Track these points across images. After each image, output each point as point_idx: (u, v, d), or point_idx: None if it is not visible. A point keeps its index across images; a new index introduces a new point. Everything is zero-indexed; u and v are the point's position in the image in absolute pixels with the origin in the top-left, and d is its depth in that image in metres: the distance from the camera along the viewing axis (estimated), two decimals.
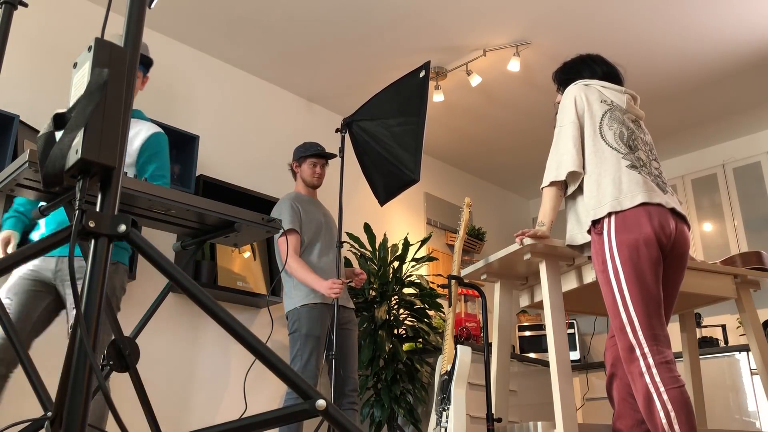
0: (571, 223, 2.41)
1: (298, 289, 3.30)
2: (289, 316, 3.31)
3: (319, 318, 3.25)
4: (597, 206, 2.26)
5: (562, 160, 2.36)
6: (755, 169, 4.91)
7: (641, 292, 2.12)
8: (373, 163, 3.17)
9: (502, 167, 5.80)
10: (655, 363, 2.05)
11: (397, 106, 3.06)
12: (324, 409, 0.89)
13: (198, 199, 1.68)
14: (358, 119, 3.24)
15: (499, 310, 2.92)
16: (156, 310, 1.84)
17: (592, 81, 2.51)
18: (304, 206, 3.45)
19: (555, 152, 2.41)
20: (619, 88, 2.49)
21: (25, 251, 0.97)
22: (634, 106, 2.50)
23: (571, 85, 2.51)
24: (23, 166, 1.49)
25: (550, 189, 2.40)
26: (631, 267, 2.13)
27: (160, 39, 3.97)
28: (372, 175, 3.21)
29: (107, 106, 0.94)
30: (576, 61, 2.64)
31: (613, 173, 2.27)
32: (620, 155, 2.31)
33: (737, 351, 4.33)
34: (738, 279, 2.91)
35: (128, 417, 3.19)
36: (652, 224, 2.17)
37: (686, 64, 4.29)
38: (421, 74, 2.97)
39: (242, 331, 0.94)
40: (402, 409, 3.91)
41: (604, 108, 2.41)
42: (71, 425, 0.81)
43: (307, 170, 3.55)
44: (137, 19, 1.03)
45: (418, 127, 2.94)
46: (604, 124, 2.38)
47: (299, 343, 3.19)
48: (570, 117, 2.40)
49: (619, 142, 2.34)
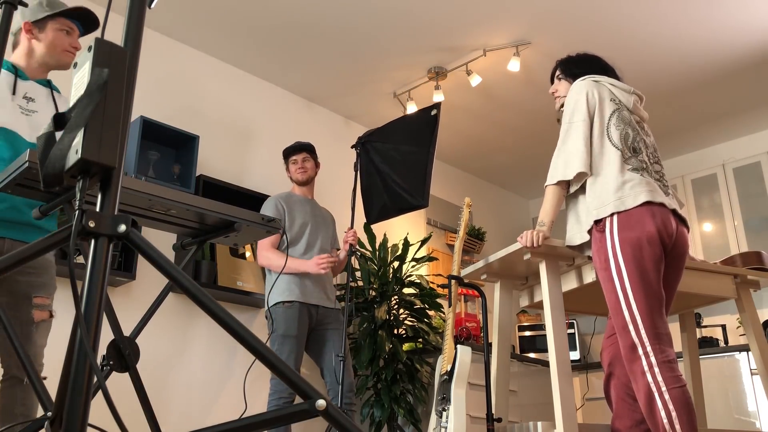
0: (570, 223, 2.39)
1: (276, 287, 3.32)
2: (267, 316, 3.31)
3: (296, 317, 3.24)
4: (600, 206, 2.24)
5: (571, 159, 2.32)
6: (755, 169, 4.91)
7: (644, 290, 2.11)
8: (380, 182, 3.31)
9: (502, 167, 5.80)
10: (657, 362, 2.04)
11: (409, 134, 3.27)
12: (324, 409, 0.89)
13: (198, 199, 1.68)
14: (373, 140, 3.41)
15: (499, 310, 2.92)
16: (156, 310, 1.84)
17: (603, 78, 2.46)
18: (290, 205, 3.48)
19: (563, 149, 2.36)
20: (628, 88, 2.45)
21: (24, 251, 0.96)
22: (639, 107, 2.47)
23: (580, 80, 2.46)
24: (23, 166, 1.49)
25: (554, 188, 2.36)
26: (634, 265, 2.12)
27: (160, 39, 3.97)
28: (372, 194, 3.34)
29: (107, 106, 0.94)
30: (588, 55, 2.60)
31: (616, 174, 2.25)
32: (624, 157, 2.29)
33: (737, 351, 4.33)
34: (738, 279, 2.91)
35: (128, 417, 3.19)
36: (656, 222, 2.16)
37: (686, 64, 4.29)
38: (432, 112, 3.21)
39: (242, 331, 0.94)
40: (402, 409, 3.91)
41: (612, 107, 2.38)
42: (71, 425, 0.81)
43: (291, 168, 3.62)
44: (137, 19, 1.03)
45: (429, 156, 3.16)
46: (611, 123, 2.34)
47: (276, 344, 3.19)
48: (581, 114, 2.36)
49: (623, 144, 2.31)
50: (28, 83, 2.32)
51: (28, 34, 2.31)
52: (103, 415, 3.01)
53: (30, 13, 2.32)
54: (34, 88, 2.33)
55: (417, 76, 4.44)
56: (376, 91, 4.60)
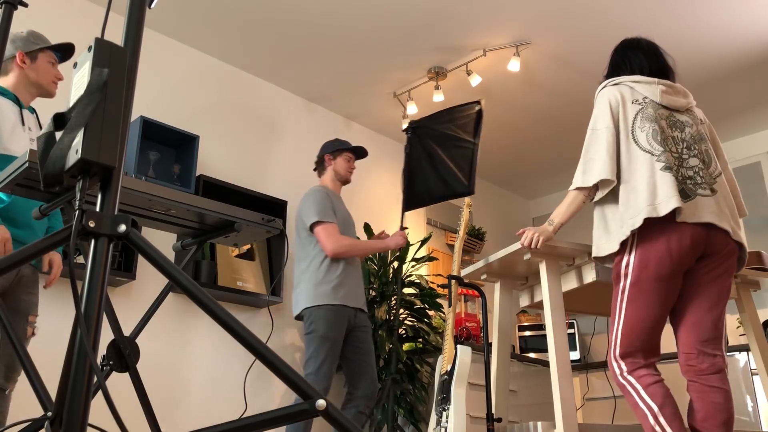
0: (598, 233, 2.30)
1: (321, 287, 3.23)
2: (305, 315, 3.23)
3: (338, 320, 3.19)
4: (634, 215, 2.15)
5: (591, 167, 2.26)
6: (755, 169, 4.91)
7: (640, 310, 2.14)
8: (428, 168, 3.42)
9: (502, 167, 5.80)
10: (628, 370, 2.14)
11: (457, 125, 3.42)
12: (324, 409, 0.89)
13: (198, 199, 1.68)
14: (424, 125, 3.52)
15: (499, 310, 2.92)
16: (156, 310, 1.84)
17: (623, 78, 2.37)
18: (333, 199, 3.44)
19: (585, 157, 2.31)
20: (651, 80, 2.34)
21: (24, 251, 0.97)
22: (672, 95, 2.34)
23: (600, 89, 2.39)
24: (23, 166, 1.49)
25: (574, 193, 2.31)
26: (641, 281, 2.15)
27: (160, 39, 3.97)
28: (415, 180, 3.45)
29: (107, 106, 0.94)
30: (617, 52, 2.49)
31: (648, 177, 2.17)
32: (654, 157, 2.20)
33: (737, 351, 4.33)
34: (738, 279, 2.91)
35: (128, 417, 3.19)
36: (669, 242, 2.12)
37: (686, 65, 4.29)
38: (476, 108, 3.40)
39: (242, 331, 0.94)
40: (402, 409, 3.91)
41: (635, 109, 2.30)
42: (71, 425, 0.81)
43: (343, 164, 3.54)
44: (137, 19, 1.03)
45: (475, 147, 3.37)
46: (636, 126, 2.27)
47: (314, 345, 3.13)
48: (605, 121, 2.28)
49: (653, 143, 2.23)
50: (24, 111, 2.44)
51: (23, 64, 2.43)
52: (103, 415, 3.01)
53: (23, 44, 2.43)
54: (28, 116, 2.45)
55: (417, 76, 4.44)
56: (376, 91, 4.60)
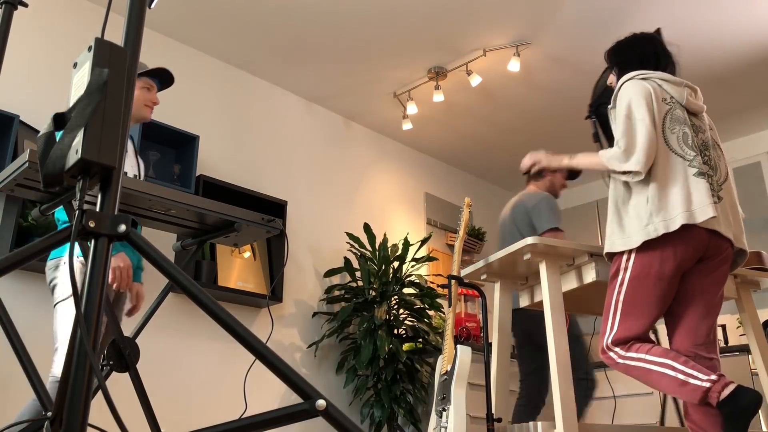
0: (611, 228, 2.21)
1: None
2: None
3: None
4: (667, 218, 2.07)
5: (632, 152, 2.11)
6: (755, 169, 4.91)
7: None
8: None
9: (502, 167, 5.80)
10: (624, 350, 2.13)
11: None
12: (324, 409, 0.89)
13: (198, 199, 1.68)
14: (602, 102, 3.22)
15: (499, 310, 2.92)
16: (156, 310, 1.85)
17: (652, 73, 2.26)
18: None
19: (627, 140, 2.13)
20: (679, 81, 2.25)
21: (25, 251, 0.96)
22: (693, 99, 2.27)
23: (627, 80, 2.25)
24: (23, 166, 1.49)
25: (603, 162, 2.17)
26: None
27: (160, 39, 3.97)
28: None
29: (107, 106, 0.94)
30: (634, 39, 2.38)
31: (682, 181, 2.09)
32: (686, 162, 2.13)
33: (737, 351, 4.33)
34: (738, 279, 2.91)
35: (128, 417, 3.19)
36: (675, 244, 2.08)
37: (686, 65, 4.28)
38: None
39: (242, 331, 0.94)
40: (402, 409, 3.91)
41: (665, 108, 2.20)
42: (71, 425, 0.81)
43: (560, 184, 3.53)
44: (137, 19, 1.03)
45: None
46: (666, 127, 2.18)
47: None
48: (642, 113, 2.14)
49: (683, 146, 2.15)
50: None
51: None
52: (103, 415, 3.01)
53: None
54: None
55: (417, 76, 4.44)
56: (376, 91, 4.60)
